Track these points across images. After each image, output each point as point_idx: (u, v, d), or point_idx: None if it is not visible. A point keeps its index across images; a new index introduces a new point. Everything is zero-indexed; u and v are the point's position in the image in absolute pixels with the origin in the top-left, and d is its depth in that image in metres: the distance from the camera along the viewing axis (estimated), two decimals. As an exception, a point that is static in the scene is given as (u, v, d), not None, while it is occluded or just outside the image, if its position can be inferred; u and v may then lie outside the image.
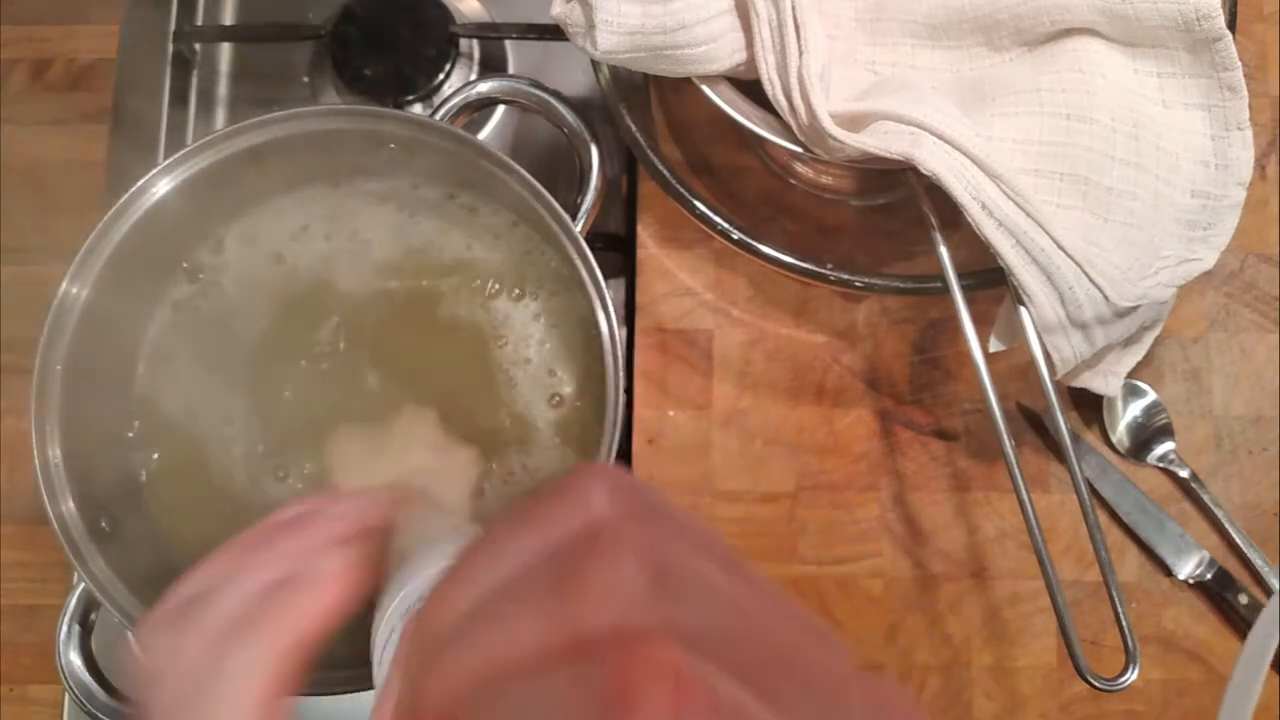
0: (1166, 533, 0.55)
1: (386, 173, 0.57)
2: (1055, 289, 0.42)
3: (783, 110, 0.45)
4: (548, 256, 0.56)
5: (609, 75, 0.51)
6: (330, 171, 0.57)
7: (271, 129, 0.53)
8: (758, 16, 0.44)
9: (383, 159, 0.56)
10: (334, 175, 0.57)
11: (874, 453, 0.56)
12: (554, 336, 0.56)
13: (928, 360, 0.57)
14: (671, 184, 0.50)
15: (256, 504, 0.54)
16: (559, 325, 0.56)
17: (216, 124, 0.66)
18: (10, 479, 0.59)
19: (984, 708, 0.54)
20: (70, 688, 0.49)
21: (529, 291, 0.56)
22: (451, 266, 0.57)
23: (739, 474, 0.56)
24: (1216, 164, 0.45)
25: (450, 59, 0.63)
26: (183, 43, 0.65)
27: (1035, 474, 0.56)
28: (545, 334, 0.56)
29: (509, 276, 0.56)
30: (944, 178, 0.42)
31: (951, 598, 0.55)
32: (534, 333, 0.56)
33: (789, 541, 0.56)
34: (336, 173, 0.57)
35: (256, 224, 0.57)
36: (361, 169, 0.57)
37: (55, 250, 0.57)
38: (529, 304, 0.56)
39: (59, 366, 0.50)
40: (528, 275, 0.57)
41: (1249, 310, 0.57)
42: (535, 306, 0.56)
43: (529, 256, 0.57)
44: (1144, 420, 0.56)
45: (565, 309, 0.56)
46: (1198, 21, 0.43)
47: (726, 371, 0.57)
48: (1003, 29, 0.46)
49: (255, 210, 0.57)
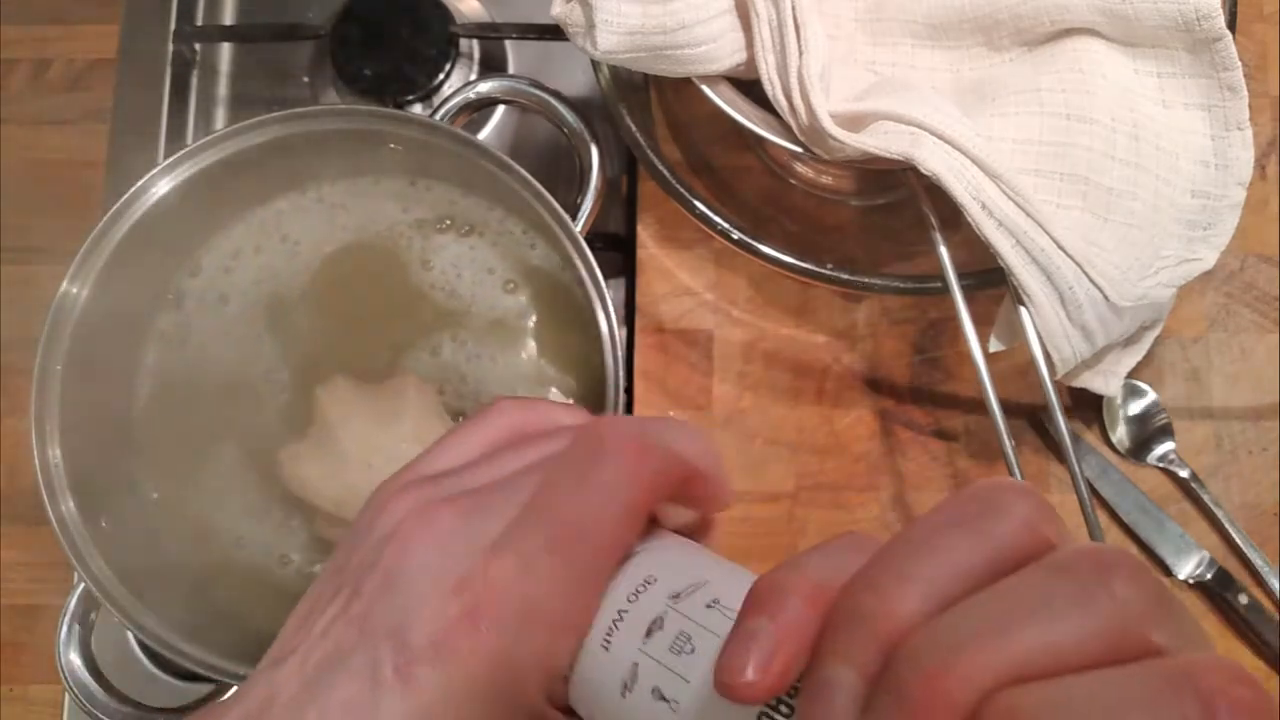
0: (1166, 533, 0.55)
1: (386, 172, 0.57)
2: (1055, 289, 0.42)
3: (783, 110, 0.45)
4: (548, 256, 0.56)
5: (609, 75, 0.51)
6: (329, 171, 0.57)
7: (271, 129, 0.53)
8: (758, 16, 0.44)
9: (383, 159, 0.56)
10: (333, 175, 0.57)
11: (874, 453, 0.56)
12: (553, 336, 0.56)
13: (928, 360, 0.57)
14: (671, 184, 0.50)
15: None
16: (559, 325, 0.56)
17: (216, 124, 0.66)
18: (10, 479, 0.59)
19: (984, 708, 0.54)
20: (70, 688, 0.49)
21: (529, 290, 0.56)
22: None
23: (739, 474, 0.56)
24: (1216, 164, 0.45)
25: (450, 59, 0.63)
26: (183, 43, 0.65)
27: (1035, 474, 0.56)
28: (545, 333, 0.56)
29: (507, 275, 0.57)
30: (944, 178, 0.42)
31: (951, 598, 0.55)
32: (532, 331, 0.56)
33: (789, 541, 0.56)
34: (336, 172, 0.57)
35: (255, 224, 0.57)
36: (361, 169, 0.57)
37: (55, 250, 0.57)
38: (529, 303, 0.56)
39: (59, 366, 0.50)
40: (528, 274, 0.57)
41: (1249, 310, 0.57)
42: (535, 306, 0.56)
43: (529, 256, 0.57)
44: (1144, 420, 0.56)
45: (565, 309, 0.56)
46: (1198, 21, 0.43)
47: (726, 371, 0.57)
48: (1003, 29, 0.46)
49: (255, 210, 0.57)
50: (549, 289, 0.56)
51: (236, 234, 0.57)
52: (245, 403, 0.55)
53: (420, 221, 0.57)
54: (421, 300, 0.56)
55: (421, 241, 0.57)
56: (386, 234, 0.57)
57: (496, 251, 0.57)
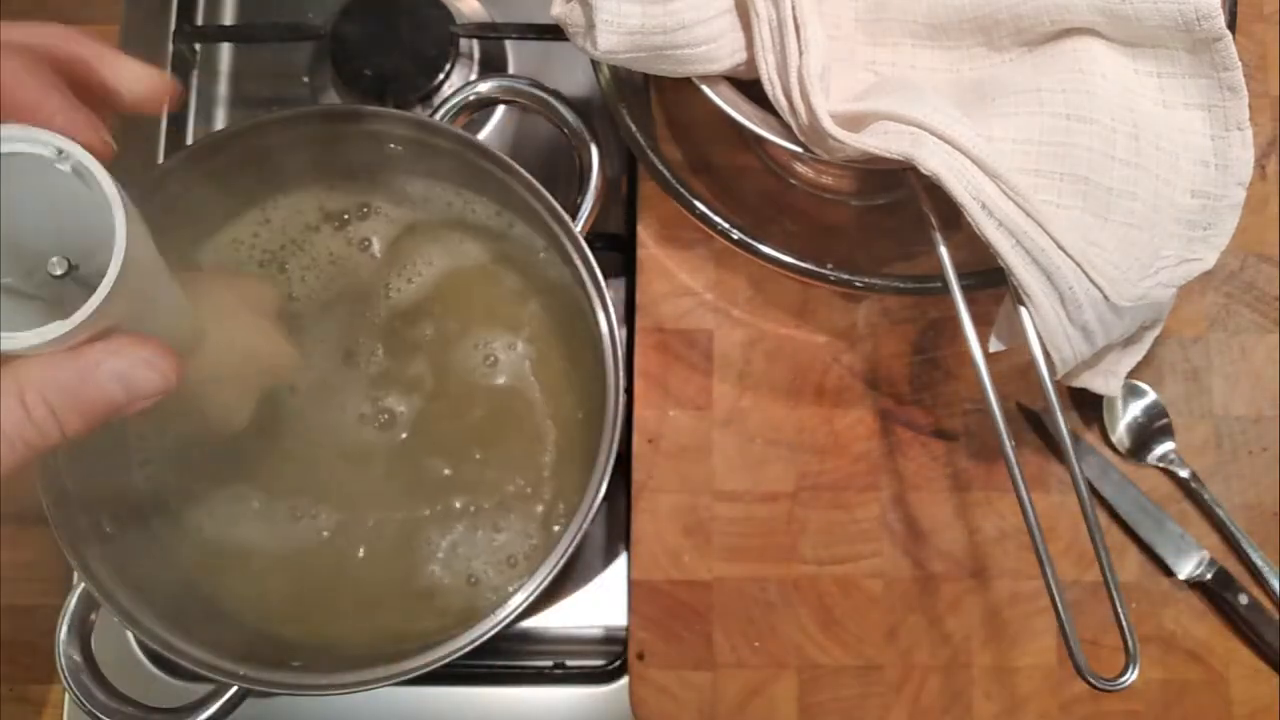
0: (1166, 533, 0.55)
1: (386, 172, 0.57)
2: (1055, 289, 0.42)
3: (783, 110, 0.45)
4: (548, 256, 0.56)
5: (609, 75, 0.51)
6: (329, 171, 0.57)
7: (271, 129, 0.53)
8: (758, 16, 0.45)
9: (383, 159, 0.56)
10: (332, 175, 0.57)
11: (874, 453, 0.56)
12: (553, 336, 0.56)
13: (928, 360, 0.57)
14: (671, 184, 0.50)
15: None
16: (559, 325, 0.56)
17: (216, 124, 0.66)
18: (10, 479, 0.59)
19: (984, 708, 0.54)
20: (70, 688, 0.49)
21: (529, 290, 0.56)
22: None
23: (739, 474, 0.56)
24: (1216, 164, 0.45)
25: (450, 59, 0.63)
26: (183, 43, 0.65)
27: (1035, 474, 0.56)
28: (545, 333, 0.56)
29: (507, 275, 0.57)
30: (944, 178, 0.42)
31: (951, 598, 0.55)
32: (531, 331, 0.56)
33: (789, 541, 0.56)
34: (335, 172, 0.57)
35: (255, 224, 0.57)
36: (361, 169, 0.57)
37: (55, 250, 0.57)
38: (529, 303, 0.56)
39: (59, 366, 0.50)
40: (527, 274, 0.57)
41: (1249, 310, 0.57)
42: (534, 305, 0.56)
43: (529, 256, 0.57)
44: (1144, 420, 0.56)
45: (565, 309, 0.56)
46: (1198, 21, 0.43)
47: (726, 371, 0.57)
48: (1003, 29, 0.46)
49: (255, 210, 0.57)
50: (549, 289, 0.56)
51: (236, 234, 0.57)
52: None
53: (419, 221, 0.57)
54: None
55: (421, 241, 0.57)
56: (462, 247, 0.57)
57: (496, 251, 0.57)
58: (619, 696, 0.56)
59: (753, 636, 0.55)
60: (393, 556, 0.54)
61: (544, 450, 0.55)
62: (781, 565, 0.55)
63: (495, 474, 0.54)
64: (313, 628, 0.53)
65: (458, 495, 0.54)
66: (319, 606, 0.53)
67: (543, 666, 0.58)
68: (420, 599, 0.53)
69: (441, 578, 0.53)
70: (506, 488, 0.54)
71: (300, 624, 0.53)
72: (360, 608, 0.53)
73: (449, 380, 0.56)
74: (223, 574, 0.53)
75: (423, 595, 0.53)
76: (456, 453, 0.55)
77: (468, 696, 0.57)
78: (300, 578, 0.53)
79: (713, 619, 0.55)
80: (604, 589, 0.59)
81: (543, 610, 0.59)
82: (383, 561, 0.53)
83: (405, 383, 0.55)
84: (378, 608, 0.53)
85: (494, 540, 0.54)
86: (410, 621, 0.53)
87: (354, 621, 0.53)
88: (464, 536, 0.54)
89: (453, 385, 0.55)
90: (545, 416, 0.55)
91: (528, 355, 0.56)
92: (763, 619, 0.55)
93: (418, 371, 0.56)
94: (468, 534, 0.54)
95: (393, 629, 0.53)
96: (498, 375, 0.56)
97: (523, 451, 0.55)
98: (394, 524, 0.54)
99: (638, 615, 0.55)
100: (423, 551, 0.53)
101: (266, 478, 0.54)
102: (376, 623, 0.53)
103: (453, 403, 0.55)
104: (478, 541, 0.54)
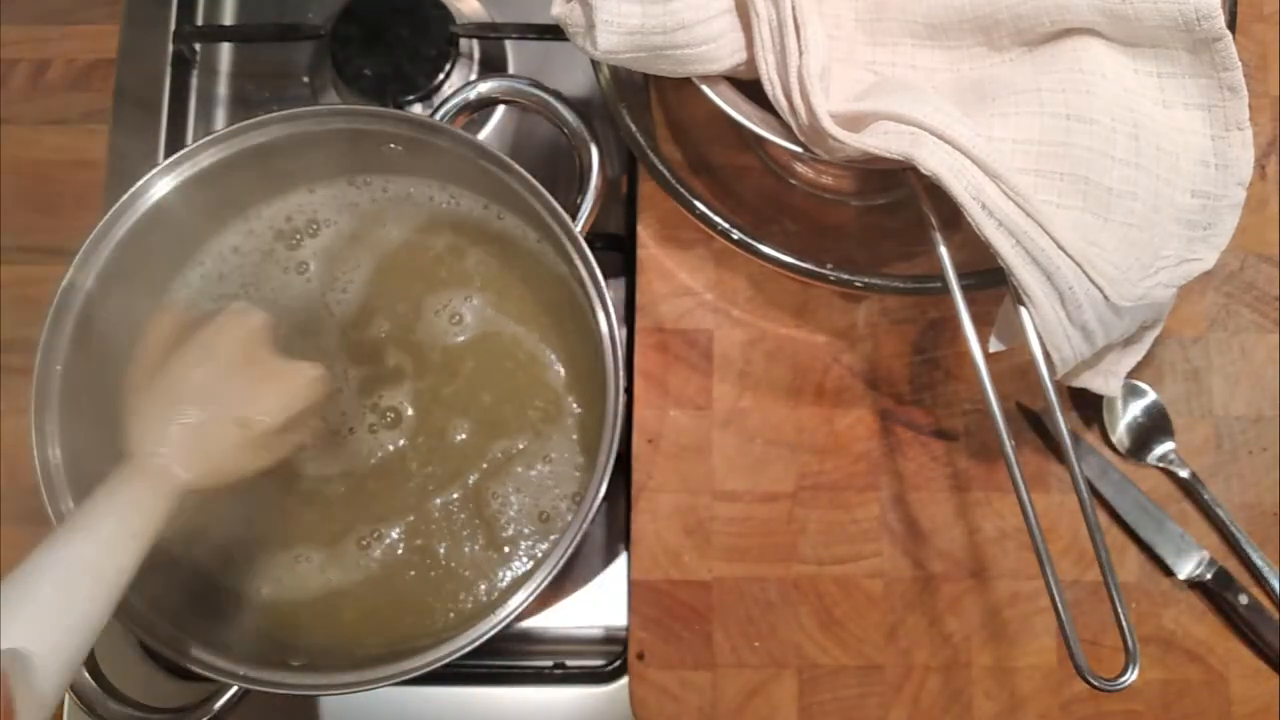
0: (1166, 533, 0.55)
1: (386, 172, 0.57)
2: (1055, 289, 0.42)
3: (783, 110, 0.45)
4: (548, 256, 0.56)
5: (609, 75, 0.51)
6: (329, 171, 0.57)
7: (271, 129, 0.53)
8: (758, 16, 0.44)
9: (383, 159, 0.56)
10: (332, 175, 0.57)
11: (874, 453, 0.56)
12: (508, 274, 0.56)
13: (928, 360, 0.57)
14: (671, 184, 0.50)
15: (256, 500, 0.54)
16: (559, 324, 0.56)
17: (216, 124, 0.66)
18: (10, 479, 0.59)
19: (984, 708, 0.54)
20: (70, 688, 0.49)
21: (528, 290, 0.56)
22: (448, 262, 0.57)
23: (739, 474, 0.56)
24: (1216, 164, 0.45)
25: (450, 59, 0.63)
26: (183, 43, 0.65)
27: (1035, 474, 0.56)
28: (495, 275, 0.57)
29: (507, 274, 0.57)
30: (944, 178, 0.42)
31: (951, 598, 0.55)
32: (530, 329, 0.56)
33: (789, 541, 0.56)
34: (335, 172, 0.57)
35: (254, 224, 0.57)
36: (361, 169, 0.57)
37: (55, 250, 0.57)
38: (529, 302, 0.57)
39: (59, 366, 0.50)
40: (527, 275, 0.57)
41: (1249, 310, 0.57)
42: (475, 256, 0.57)
43: (529, 256, 0.57)
44: (1144, 420, 0.56)
45: (565, 308, 0.56)
46: (1198, 21, 0.43)
47: (726, 371, 0.57)
48: (1003, 29, 0.46)
49: (255, 210, 0.57)
50: (549, 288, 0.57)
51: (236, 234, 0.57)
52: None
53: (422, 221, 0.57)
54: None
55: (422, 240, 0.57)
56: (387, 233, 0.57)
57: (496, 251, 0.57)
58: (619, 696, 0.56)
59: (753, 636, 0.55)
60: (471, 531, 0.54)
61: (547, 368, 0.56)
62: (781, 565, 0.55)
63: (512, 408, 0.55)
64: (401, 633, 0.54)
65: (493, 444, 0.55)
66: (411, 611, 0.54)
67: (543, 666, 0.58)
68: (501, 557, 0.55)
69: (521, 527, 0.55)
70: (529, 413, 0.55)
71: (387, 632, 0.54)
72: (448, 596, 0.54)
73: (426, 355, 0.56)
74: (224, 573, 0.54)
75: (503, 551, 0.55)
76: (469, 408, 0.56)
77: (468, 696, 0.57)
78: (389, 593, 0.54)
79: (713, 619, 0.55)
80: (604, 589, 0.59)
81: (543, 610, 0.59)
82: (462, 541, 0.55)
83: (389, 378, 0.56)
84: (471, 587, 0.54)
85: (545, 474, 0.55)
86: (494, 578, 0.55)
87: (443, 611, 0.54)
88: (522, 479, 0.55)
89: (433, 356, 0.56)
90: (535, 342, 0.56)
91: (488, 302, 0.56)
92: (763, 619, 0.55)
93: (395, 362, 0.56)
94: (524, 475, 0.55)
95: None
96: (467, 330, 0.56)
97: (527, 378, 0.56)
98: (455, 503, 0.55)
99: (638, 615, 0.55)
100: (492, 508, 0.55)
101: (316, 529, 0.55)
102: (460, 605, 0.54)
103: (441, 371, 0.56)
104: (533, 480, 0.55)
